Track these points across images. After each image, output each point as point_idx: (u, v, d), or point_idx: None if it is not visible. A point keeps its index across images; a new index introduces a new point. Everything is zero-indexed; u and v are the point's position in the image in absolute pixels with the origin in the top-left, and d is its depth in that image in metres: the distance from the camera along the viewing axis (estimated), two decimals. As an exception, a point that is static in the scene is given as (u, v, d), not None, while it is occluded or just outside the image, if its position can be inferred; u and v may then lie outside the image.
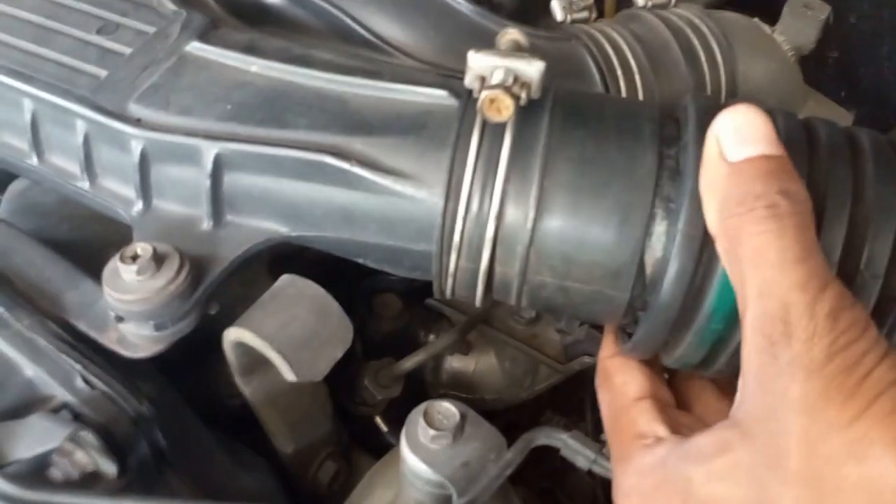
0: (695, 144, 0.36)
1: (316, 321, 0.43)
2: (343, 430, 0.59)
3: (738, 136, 0.34)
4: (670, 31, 0.58)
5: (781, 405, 0.30)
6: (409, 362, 0.57)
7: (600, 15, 0.71)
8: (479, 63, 0.38)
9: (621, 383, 0.41)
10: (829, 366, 0.29)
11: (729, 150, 0.34)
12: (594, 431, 0.71)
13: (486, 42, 0.51)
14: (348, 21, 0.53)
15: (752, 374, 0.31)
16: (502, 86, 0.36)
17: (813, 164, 0.36)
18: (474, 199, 0.38)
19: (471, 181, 0.38)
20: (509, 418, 0.69)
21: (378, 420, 0.61)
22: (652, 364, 0.41)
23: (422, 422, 0.42)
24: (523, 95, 0.38)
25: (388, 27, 0.53)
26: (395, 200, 0.39)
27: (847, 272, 0.35)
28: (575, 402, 0.71)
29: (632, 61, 0.56)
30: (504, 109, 0.36)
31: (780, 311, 0.30)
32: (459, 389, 0.66)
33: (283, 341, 0.41)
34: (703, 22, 0.59)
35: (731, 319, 0.36)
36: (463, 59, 0.39)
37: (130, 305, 0.38)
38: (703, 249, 0.35)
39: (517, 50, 0.40)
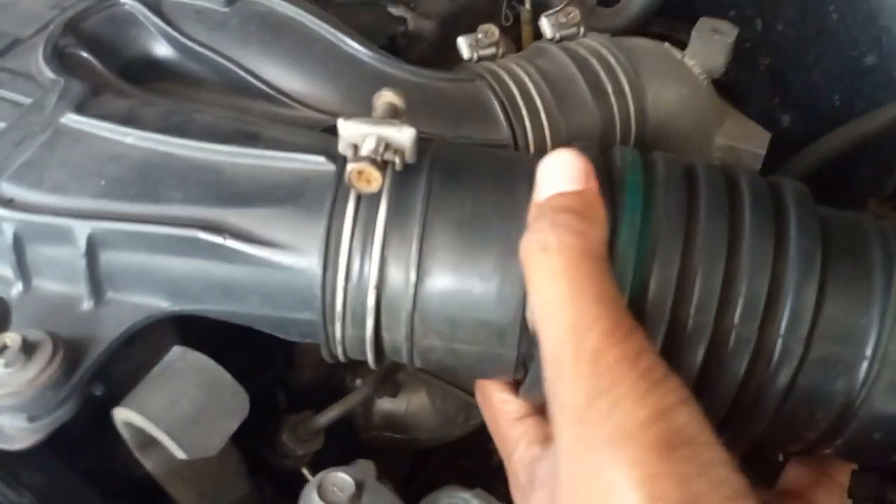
0: None
1: (206, 395, 0.42)
2: (266, 486, 0.58)
3: (545, 178, 0.35)
4: (576, 65, 0.57)
5: (557, 450, 0.30)
6: (325, 417, 0.56)
7: (520, 48, 0.71)
8: (349, 131, 0.37)
9: (500, 401, 0.41)
10: (588, 412, 0.28)
11: (537, 192, 0.35)
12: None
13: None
14: (243, 74, 0.51)
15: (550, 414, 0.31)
16: (369, 157, 0.35)
17: (691, 213, 0.36)
18: (353, 268, 0.37)
19: (348, 250, 0.37)
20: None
21: (304, 471, 0.60)
22: None
23: (315, 497, 0.42)
24: (397, 161, 0.37)
25: (286, 79, 0.52)
26: (273, 272, 0.38)
27: (722, 327, 0.34)
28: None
29: (536, 98, 0.55)
30: (372, 181, 0.35)
31: (554, 351, 0.30)
32: (392, 430, 0.65)
33: (172, 420, 0.40)
34: (609, 52, 0.59)
35: None
36: (367, 107, 0.38)
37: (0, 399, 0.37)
38: None
39: (392, 114, 0.39)
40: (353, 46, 0.53)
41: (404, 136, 0.36)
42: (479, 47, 0.59)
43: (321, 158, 0.40)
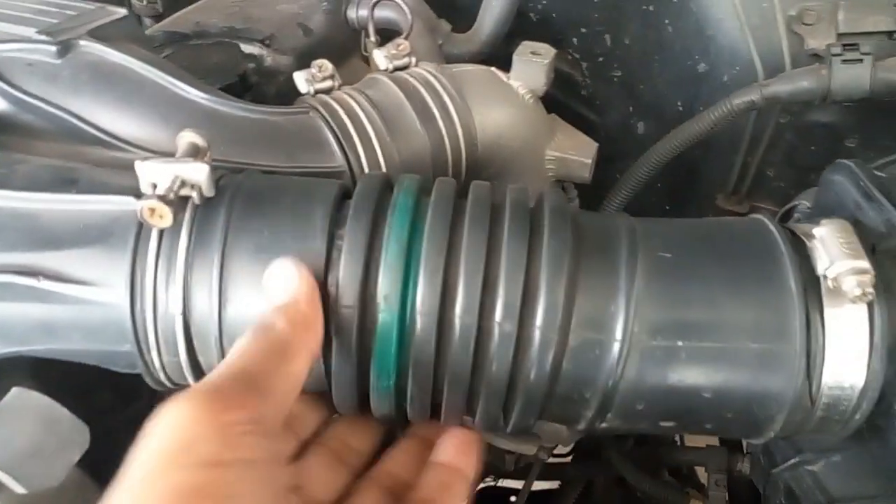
0: (350, 226, 0.39)
1: (43, 431, 0.44)
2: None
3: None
4: (404, 93, 0.61)
5: None
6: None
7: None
8: (147, 171, 0.40)
9: None
10: None
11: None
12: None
13: (223, 125, 0.54)
14: (76, 122, 0.54)
15: None
16: (160, 195, 0.39)
17: (455, 227, 0.40)
18: (160, 299, 0.40)
19: (153, 282, 0.40)
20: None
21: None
22: None
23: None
24: (194, 195, 0.40)
25: (119, 123, 0.55)
26: (89, 309, 0.41)
27: (487, 325, 0.39)
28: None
29: (368, 126, 0.59)
30: (164, 216, 0.39)
31: None
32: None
33: (7, 456, 0.42)
34: (436, 79, 0.63)
35: (399, 376, 0.39)
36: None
37: None
38: (362, 321, 0.39)
39: (193, 152, 0.42)
40: (185, 88, 0.56)
41: (199, 172, 0.40)
42: (314, 81, 0.63)
43: (129, 198, 0.43)
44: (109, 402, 0.54)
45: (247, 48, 0.76)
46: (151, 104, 0.56)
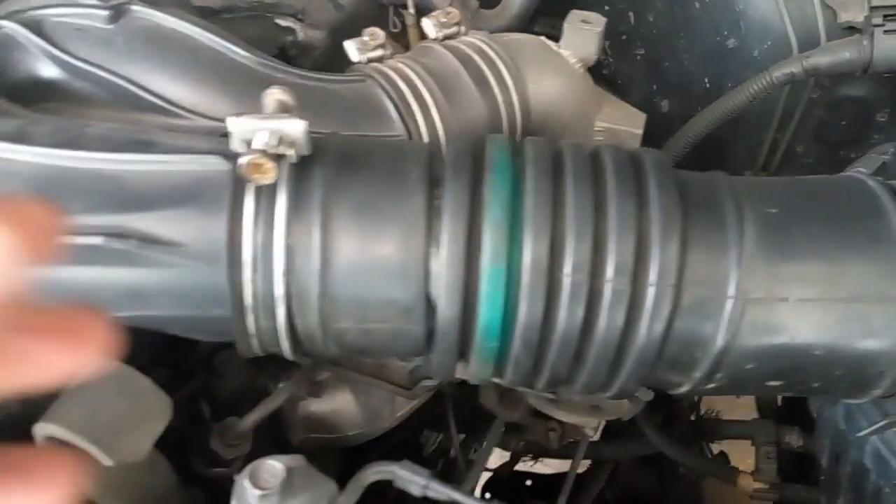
0: (450, 186, 0.39)
1: (127, 402, 0.42)
2: (200, 497, 0.58)
3: None
4: (459, 61, 0.60)
5: None
6: (250, 419, 0.57)
7: (407, 48, 0.74)
8: (240, 128, 0.38)
9: None
10: None
11: None
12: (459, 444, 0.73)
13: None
14: (133, 88, 0.52)
15: None
16: (262, 150, 0.37)
17: (558, 185, 0.39)
18: (259, 261, 0.39)
19: (252, 243, 0.39)
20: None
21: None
22: None
23: (247, 484, 0.43)
24: (291, 153, 0.39)
25: (176, 90, 0.53)
26: (180, 272, 0.40)
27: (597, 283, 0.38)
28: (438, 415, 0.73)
29: (426, 95, 0.58)
30: (267, 172, 0.37)
31: None
32: (321, 431, 0.67)
33: (94, 428, 0.41)
34: (490, 47, 0.62)
35: (504, 337, 0.38)
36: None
37: None
38: (467, 280, 0.38)
39: (283, 110, 0.41)
40: (241, 54, 0.55)
41: (296, 128, 0.38)
42: (366, 49, 0.61)
43: (216, 158, 0.41)
44: (166, 380, 0.52)
45: (282, 22, 0.74)
46: (209, 71, 0.54)
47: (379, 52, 0.62)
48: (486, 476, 1.01)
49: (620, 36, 1.00)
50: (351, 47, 0.62)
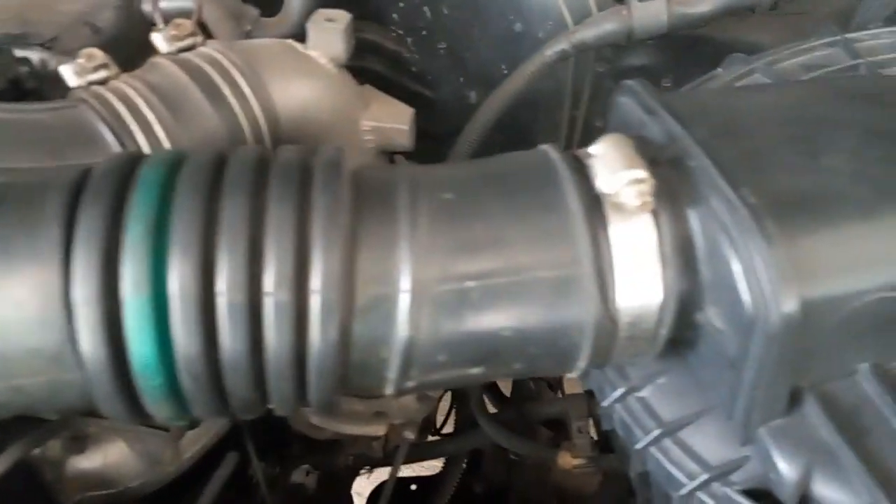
0: (85, 212, 0.35)
1: None
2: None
3: None
4: (189, 73, 0.57)
5: None
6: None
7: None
8: None
9: None
10: None
11: None
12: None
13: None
14: None
15: None
16: None
17: (213, 197, 0.36)
18: None
19: None
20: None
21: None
22: None
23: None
24: None
25: None
26: None
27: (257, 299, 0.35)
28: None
29: (147, 113, 0.54)
30: None
31: None
32: (99, 487, 0.62)
33: None
34: (225, 57, 0.59)
35: (167, 372, 0.35)
36: None
37: None
38: (110, 316, 0.34)
39: None
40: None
41: None
42: (84, 72, 0.57)
43: None
44: None
45: (21, 52, 0.69)
46: None
47: (102, 74, 0.57)
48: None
49: (421, 31, 0.99)
50: (67, 71, 0.57)
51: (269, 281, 0.34)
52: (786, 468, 0.38)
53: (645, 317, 0.37)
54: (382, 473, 0.95)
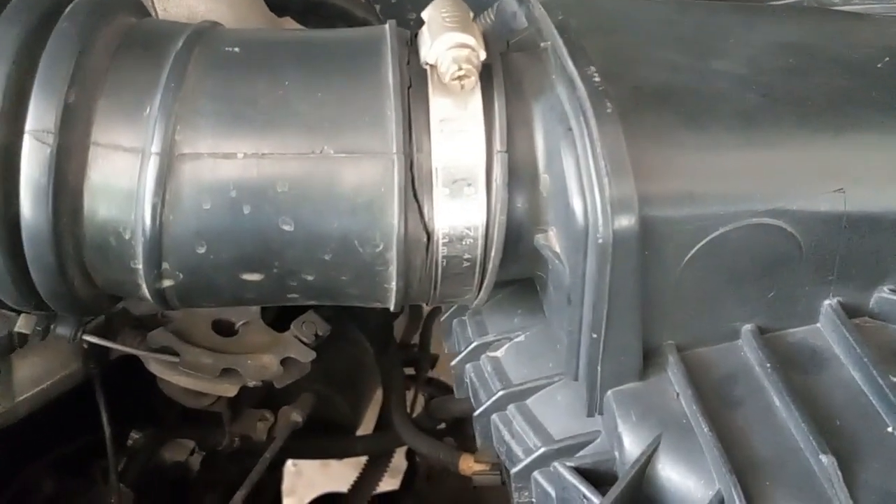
0: None
1: None
2: None
3: None
4: None
5: None
6: None
7: None
8: None
9: None
10: None
11: None
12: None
13: None
14: None
15: None
16: None
17: None
18: None
19: None
20: None
21: None
22: None
23: None
24: None
25: None
26: None
27: None
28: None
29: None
30: None
31: None
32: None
33: None
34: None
35: None
36: None
37: None
38: None
39: None
40: None
41: None
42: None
43: None
44: None
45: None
46: None
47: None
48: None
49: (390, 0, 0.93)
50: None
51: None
52: (629, 441, 0.30)
53: (468, 228, 0.30)
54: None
